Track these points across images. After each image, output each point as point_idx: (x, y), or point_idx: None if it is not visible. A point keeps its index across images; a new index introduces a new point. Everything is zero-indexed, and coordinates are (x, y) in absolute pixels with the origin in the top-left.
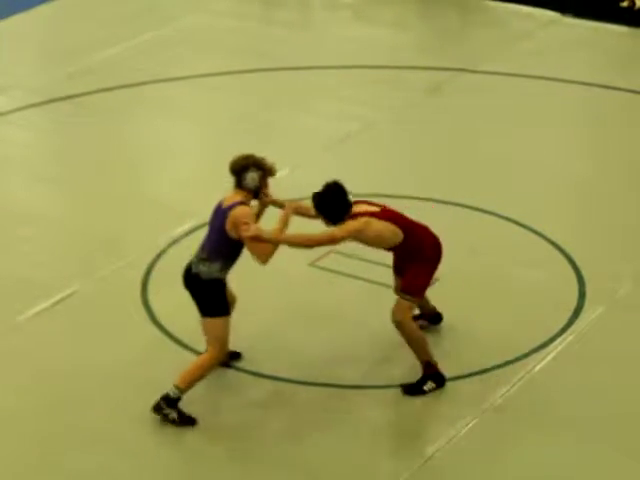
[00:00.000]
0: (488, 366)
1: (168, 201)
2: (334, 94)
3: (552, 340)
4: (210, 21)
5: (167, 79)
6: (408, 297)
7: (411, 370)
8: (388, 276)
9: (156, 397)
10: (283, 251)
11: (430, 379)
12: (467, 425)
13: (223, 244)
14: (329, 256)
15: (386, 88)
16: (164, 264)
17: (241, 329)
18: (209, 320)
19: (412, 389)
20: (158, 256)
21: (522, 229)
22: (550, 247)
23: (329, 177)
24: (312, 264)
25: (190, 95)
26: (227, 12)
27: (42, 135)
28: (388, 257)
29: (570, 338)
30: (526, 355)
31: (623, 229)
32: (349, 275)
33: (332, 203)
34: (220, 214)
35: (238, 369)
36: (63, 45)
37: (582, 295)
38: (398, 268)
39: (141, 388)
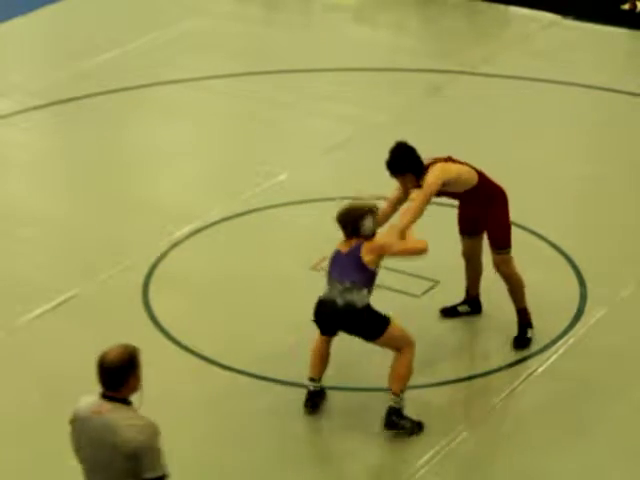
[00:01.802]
0: (490, 368)
1: (169, 204)
2: (334, 96)
3: (554, 342)
4: (211, 24)
5: (168, 82)
6: (504, 251)
7: (416, 369)
8: (389, 279)
9: (156, 398)
10: (284, 256)
11: (529, 327)
12: (468, 426)
13: (366, 276)
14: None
15: (386, 90)
16: (165, 267)
17: (244, 334)
18: (381, 339)
19: (520, 342)
20: (159, 259)
21: (523, 231)
22: (551, 249)
23: (329, 180)
24: (314, 268)
25: (191, 98)
26: (228, 15)
27: (43, 138)
28: (388, 260)
29: (572, 340)
30: (528, 357)
31: (624, 231)
32: None
33: (411, 156)
34: (350, 259)
35: (243, 373)
36: (64, 48)
37: (583, 297)
38: (471, 222)
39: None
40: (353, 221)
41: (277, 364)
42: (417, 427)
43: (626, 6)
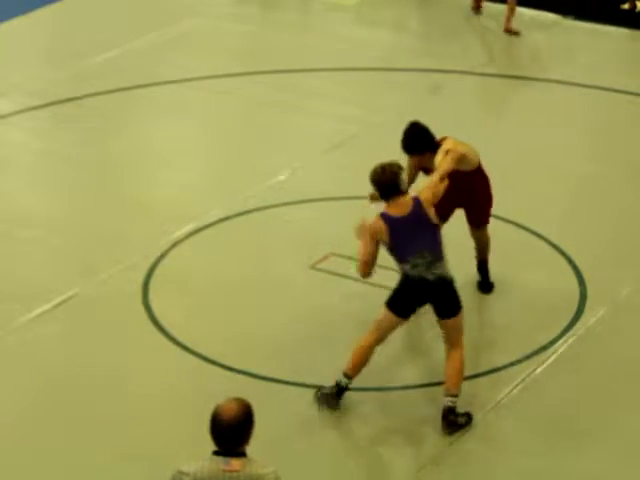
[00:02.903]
0: (489, 368)
1: (169, 203)
2: (334, 96)
3: (553, 342)
4: (210, 24)
5: (167, 82)
6: (485, 226)
7: (414, 371)
8: (388, 278)
9: (156, 398)
10: (284, 256)
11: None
12: (468, 428)
13: (439, 240)
14: (329, 259)
15: (386, 90)
16: (165, 267)
17: (243, 333)
18: (455, 318)
19: (487, 286)
20: (159, 259)
21: (523, 231)
22: (551, 249)
23: (329, 179)
24: (313, 267)
25: (190, 98)
26: (227, 15)
27: (43, 137)
28: (387, 259)
29: (571, 340)
30: (527, 357)
31: (624, 231)
32: (349, 277)
33: (428, 135)
34: (415, 215)
35: (242, 373)
36: (64, 48)
37: (583, 297)
38: (449, 208)
39: (142, 391)
40: (394, 178)
41: (277, 364)
42: (469, 418)
43: (626, 6)
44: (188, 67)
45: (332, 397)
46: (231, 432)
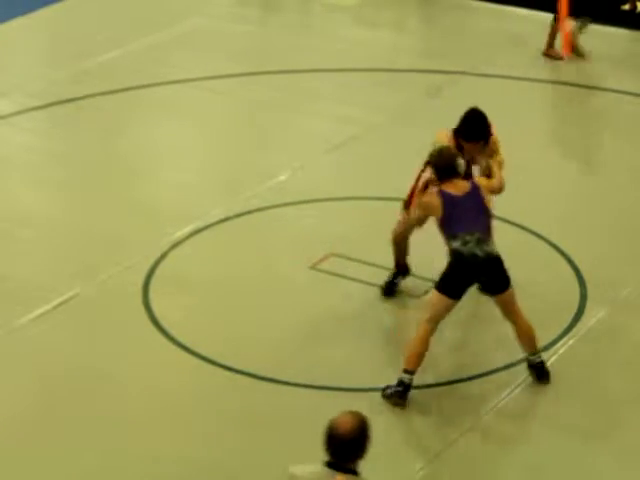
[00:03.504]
0: (489, 369)
1: (169, 204)
2: (334, 97)
3: (554, 343)
4: (210, 24)
5: (168, 82)
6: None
7: (418, 370)
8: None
9: (155, 398)
10: (285, 256)
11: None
12: (468, 428)
13: (490, 225)
14: (329, 259)
15: (386, 91)
16: (165, 267)
17: (244, 334)
18: (508, 291)
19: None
20: (159, 259)
21: (522, 231)
22: (551, 249)
23: (329, 180)
24: (313, 267)
25: (191, 98)
26: (227, 15)
27: (43, 138)
28: (385, 259)
29: (572, 341)
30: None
31: (624, 231)
32: (349, 278)
33: (487, 123)
34: (473, 201)
35: (242, 373)
36: (64, 48)
37: (583, 297)
38: None
39: (142, 391)
40: (451, 161)
41: (277, 364)
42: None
43: (626, 6)
44: (188, 67)
45: (398, 396)
46: (343, 446)
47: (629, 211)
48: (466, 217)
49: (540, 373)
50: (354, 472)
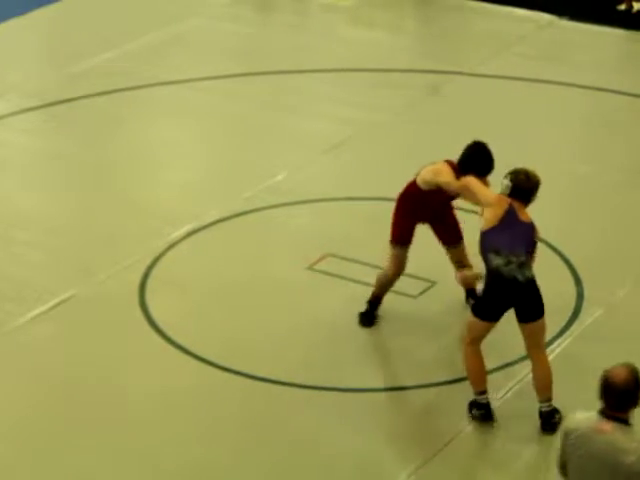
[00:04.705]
0: (488, 368)
1: (166, 205)
2: (332, 97)
3: (550, 342)
4: (207, 25)
5: (165, 82)
6: (460, 243)
7: (413, 370)
8: None
9: (153, 399)
10: (282, 257)
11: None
12: (465, 428)
13: (531, 257)
14: (326, 260)
15: (384, 91)
16: (162, 268)
17: (241, 334)
18: (540, 321)
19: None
20: (156, 260)
21: None
22: (548, 249)
23: (327, 180)
24: (310, 268)
25: (188, 99)
26: (224, 16)
27: (40, 139)
28: (382, 259)
29: (568, 340)
30: (525, 357)
31: (622, 231)
32: (346, 278)
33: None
34: (526, 228)
35: (240, 373)
36: (62, 48)
37: (580, 297)
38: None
39: (139, 391)
40: (534, 188)
41: (274, 365)
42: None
43: (622, 6)
44: (186, 68)
45: (482, 418)
46: (619, 396)
47: (627, 211)
48: (515, 239)
49: (546, 423)
50: (626, 422)
